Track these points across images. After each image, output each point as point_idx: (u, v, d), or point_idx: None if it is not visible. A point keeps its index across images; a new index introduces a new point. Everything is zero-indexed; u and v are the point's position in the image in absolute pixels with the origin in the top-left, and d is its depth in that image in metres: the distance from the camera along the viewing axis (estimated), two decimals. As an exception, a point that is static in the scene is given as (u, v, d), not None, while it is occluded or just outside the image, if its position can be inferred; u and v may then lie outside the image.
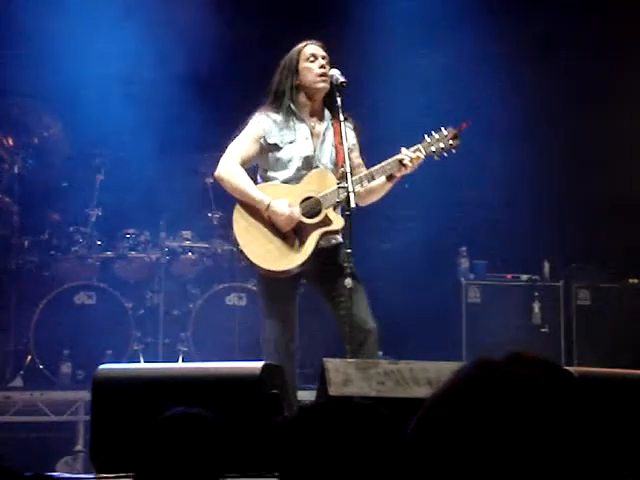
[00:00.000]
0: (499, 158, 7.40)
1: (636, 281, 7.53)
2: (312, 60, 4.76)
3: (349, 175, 4.39)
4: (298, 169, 4.71)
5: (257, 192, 4.67)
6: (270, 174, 4.76)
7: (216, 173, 4.79)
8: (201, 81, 7.43)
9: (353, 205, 4.34)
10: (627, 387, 3.62)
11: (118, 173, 7.17)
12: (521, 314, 7.30)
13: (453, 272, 7.49)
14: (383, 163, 4.66)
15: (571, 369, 3.53)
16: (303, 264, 4.62)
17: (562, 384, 1.40)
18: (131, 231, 7.12)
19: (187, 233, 7.21)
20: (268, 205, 4.59)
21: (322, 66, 4.73)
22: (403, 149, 4.63)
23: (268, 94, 4.81)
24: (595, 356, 6.79)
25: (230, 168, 4.71)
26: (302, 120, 4.76)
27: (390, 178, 4.68)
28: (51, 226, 7.03)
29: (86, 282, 6.82)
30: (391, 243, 7.75)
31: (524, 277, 7.46)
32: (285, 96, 4.75)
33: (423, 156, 4.62)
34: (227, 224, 7.14)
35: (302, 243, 4.61)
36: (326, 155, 4.73)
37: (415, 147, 4.64)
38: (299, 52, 4.78)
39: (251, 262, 4.66)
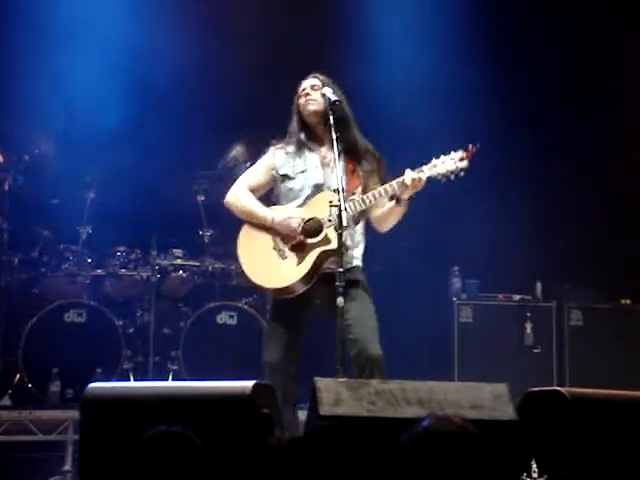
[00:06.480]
0: (492, 177, 7.38)
1: (628, 302, 7.52)
2: (303, 94, 4.91)
3: (341, 194, 4.41)
4: (308, 197, 4.82)
5: (263, 210, 4.83)
6: (283, 203, 4.88)
7: (225, 200, 4.95)
8: (193, 100, 7.43)
9: (345, 224, 4.36)
10: (620, 408, 3.60)
11: (109, 191, 7.14)
12: (513, 334, 7.28)
13: (445, 291, 7.47)
14: (385, 185, 4.69)
15: (563, 390, 3.51)
16: (307, 283, 4.68)
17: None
18: (122, 249, 7.09)
19: (178, 251, 7.20)
20: (272, 218, 4.75)
21: (306, 93, 4.86)
22: (407, 171, 4.62)
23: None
24: (587, 377, 6.76)
25: (237, 193, 4.91)
26: (312, 150, 4.88)
27: (397, 201, 4.67)
28: (41, 243, 7.00)
29: (76, 300, 6.78)
30: (383, 262, 7.72)
31: (516, 297, 7.45)
32: (295, 131, 4.91)
33: (425, 178, 4.60)
34: (218, 242, 7.18)
35: (301, 261, 4.70)
36: (334, 183, 4.71)
37: (419, 169, 4.64)
38: (298, 92, 4.93)
39: (248, 279, 4.81)
